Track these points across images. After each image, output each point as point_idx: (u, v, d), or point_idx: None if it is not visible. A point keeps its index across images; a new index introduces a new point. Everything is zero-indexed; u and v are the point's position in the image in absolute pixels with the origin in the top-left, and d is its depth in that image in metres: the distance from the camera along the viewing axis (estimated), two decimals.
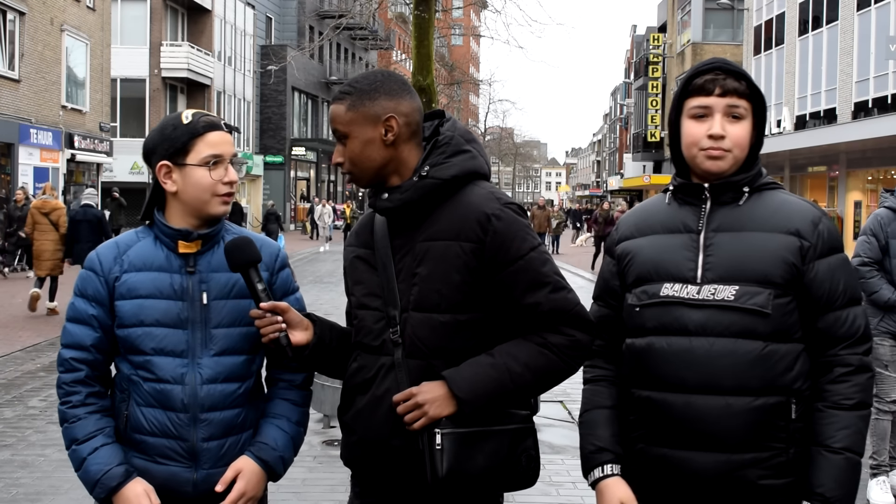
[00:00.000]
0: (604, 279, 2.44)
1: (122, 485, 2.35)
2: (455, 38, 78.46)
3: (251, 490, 2.43)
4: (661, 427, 2.23)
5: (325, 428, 7.05)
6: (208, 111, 27.20)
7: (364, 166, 2.29)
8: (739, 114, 2.24)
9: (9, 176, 25.83)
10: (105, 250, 2.47)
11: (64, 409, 2.42)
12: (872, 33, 25.51)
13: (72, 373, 2.42)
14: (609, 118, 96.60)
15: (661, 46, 47.56)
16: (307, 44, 38.60)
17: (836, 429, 2.14)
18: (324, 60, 55.66)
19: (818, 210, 2.26)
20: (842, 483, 2.13)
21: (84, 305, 2.43)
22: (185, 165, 2.40)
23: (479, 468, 2.19)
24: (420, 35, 9.88)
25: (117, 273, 2.42)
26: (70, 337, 2.44)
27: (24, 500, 5.47)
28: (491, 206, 2.23)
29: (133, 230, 2.53)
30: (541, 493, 5.66)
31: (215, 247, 2.45)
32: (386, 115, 2.25)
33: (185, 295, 2.40)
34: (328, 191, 56.85)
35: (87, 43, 30.54)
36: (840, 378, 2.17)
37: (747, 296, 2.16)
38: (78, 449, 2.38)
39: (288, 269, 2.58)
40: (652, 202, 2.45)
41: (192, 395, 2.38)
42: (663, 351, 2.22)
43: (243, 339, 2.43)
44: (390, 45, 64.70)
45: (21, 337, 11.54)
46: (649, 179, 46.24)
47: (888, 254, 5.34)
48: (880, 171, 25.70)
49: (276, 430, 2.50)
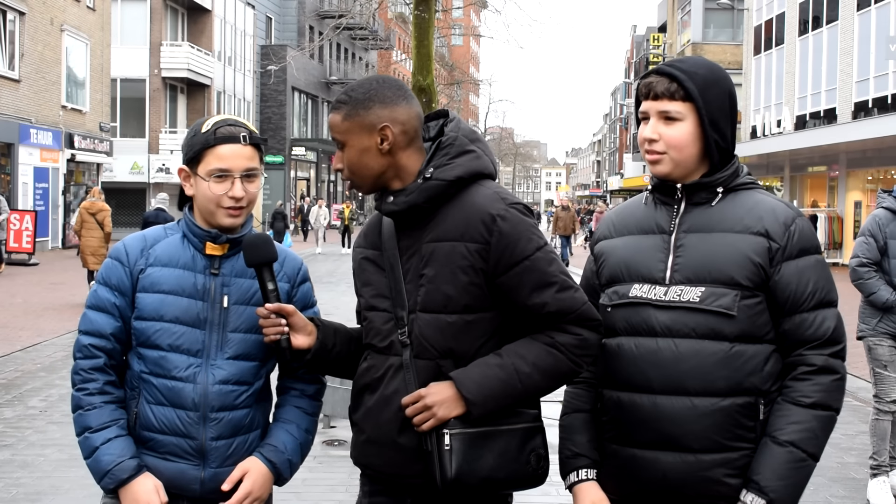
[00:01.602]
0: (585, 278, 2.46)
1: (133, 478, 2.36)
2: (455, 38, 78.52)
3: (257, 490, 2.44)
4: (630, 428, 2.23)
5: (325, 428, 7.05)
6: (208, 112, 26.98)
7: (362, 174, 2.31)
8: (672, 116, 2.23)
9: (9, 176, 25.84)
10: (133, 242, 2.48)
11: (80, 396, 2.41)
12: (872, 33, 25.52)
13: (90, 359, 2.42)
14: (609, 118, 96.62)
15: (661, 46, 47.58)
16: (307, 44, 38.62)
17: (786, 422, 2.13)
18: (324, 60, 55.66)
19: (792, 211, 2.24)
20: (780, 475, 2.10)
21: (107, 294, 2.44)
22: (196, 174, 2.42)
23: (488, 468, 2.19)
24: (420, 35, 9.89)
25: (143, 265, 2.43)
26: (90, 324, 2.44)
27: (24, 500, 5.47)
28: (496, 206, 2.23)
29: (161, 226, 2.55)
30: (541, 493, 5.65)
31: (241, 252, 2.47)
32: (381, 124, 2.25)
33: (206, 295, 2.42)
34: (328, 191, 56.87)
35: (87, 43, 30.55)
36: (801, 376, 2.16)
37: (713, 297, 2.16)
38: (91, 437, 2.38)
39: (309, 283, 2.60)
40: (632, 202, 2.45)
41: (202, 395, 2.39)
42: (631, 352, 2.22)
43: (257, 346, 2.45)
44: (390, 45, 64.71)
45: (21, 337, 11.54)
46: (649, 179, 46.27)
47: (887, 254, 5.33)
48: (880, 171, 25.71)
49: (286, 435, 2.51)
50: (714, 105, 2.22)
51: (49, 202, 27.64)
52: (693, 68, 2.24)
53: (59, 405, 7.87)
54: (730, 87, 2.27)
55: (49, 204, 27.59)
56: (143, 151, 37.44)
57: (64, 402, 7.95)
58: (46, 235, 27.05)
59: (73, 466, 6.04)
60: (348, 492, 5.67)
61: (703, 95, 2.21)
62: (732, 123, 2.27)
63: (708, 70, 2.25)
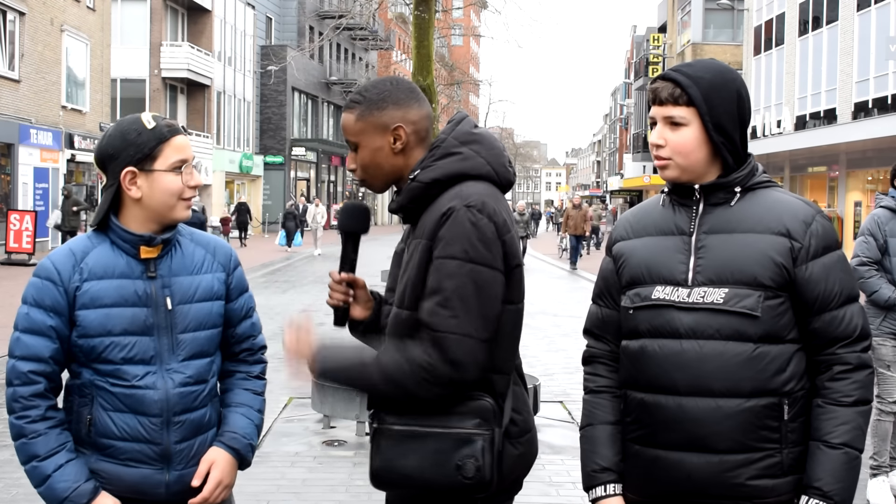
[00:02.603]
0: (603, 278, 2.44)
1: (91, 501, 2.35)
2: (455, 38, 78.51)
3: (226, 478, 2.48)
4: (655, 429, 2.23)
5: (325, 428, 7.04)
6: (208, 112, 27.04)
7: (375, 173, 2.34)
8: (677, 121, 2.23)
9: (9, 176, 25.85)
10: (61, 258, 2.38)
11: (21, 424, 2.34)
12: (872, 33, 25.53)
13: (30, 385, 2.34)
14: (609, 118, 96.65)
15: (661, 47, 47.57)
16: (307, 44, 38.64)
17: (835, 424, 2.15)
18: (324, 61, 55.68)
19: (812, 208, 2.24)
20: (840, 477, 2.14)
21: (41, 316, 2.34)
22: (152, 171, 2.37)
23: (410, 467, 2.18)
24: (420, 35, 9.91)
25: (77, 282, 2.35)
26: (26, 349, 2.34)
27: (24, 501, 5.47)
28: (452, 203, 2.19)
29: (83, 234, 2.47)
30: (541, 493, 5.67)
31: (172, 250, 2.46)
32: (394, 124, 2.29)
33: (149, 301, 2.39)
34: (328, 191, 56.89)
35: (87, 43, 30.56)
36: (839, 376, 2.18)
37: (737, 298, 2.16)
38: (40, 466, 2.33)
39: (241, 268, 2.63)
40: (648, 203, 2.45)
41: (164, 400, 2.39)
42: (655, 354, 2.22)
43: (208, 342, 2.48)
44: (390, 45, 64.73)
45: None
46: (649, 180, 46.26)
47: (888, 252, 5.34)
48: (880, 172, 25.70)
49: (242, 419, 2.55)
50: (719, 109, 2.22)
51: (49, 202, 27.63)
52: (698, 73, 2.23)
53: None
54: (739, 89, 2.25)
55: (49, 204, 27.58)
56: None
57: None
58: (46, 236, 27.01)
59: None
60: (348, 492, 5.67)
61: (707, 100, 2.21)
62: (742, 125, 2.26)
63: (714, 73, 2.24)
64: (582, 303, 15.98)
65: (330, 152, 56.04)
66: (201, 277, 2.47)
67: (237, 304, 2.57)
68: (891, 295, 5.27)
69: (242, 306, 2.59)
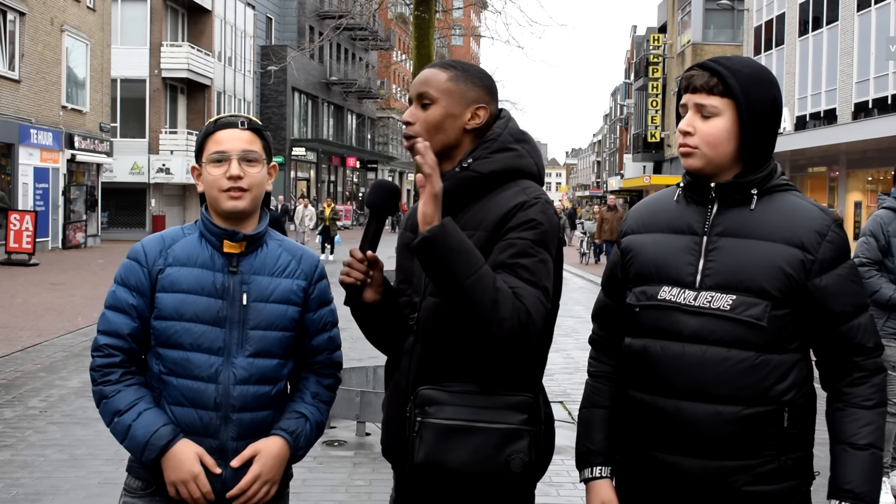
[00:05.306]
0: (611, 269, 2.43)
1: (172, 443, 2.37)
2: (455, 38, 78.45)
3: (267, 472, 2.44)
4: (652, 430, 2.23)
5: (325, 428, 7.05)
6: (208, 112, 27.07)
7: (433, 136, 2.28)
8: (708, 112, 2.20)
9: (9, 176, 25.85)
10: (151, 242, 2.50)
11: (101, 388, 2.43)
12: (872, 34, 25.53)
13: (108, 358, 2.44)
14: (609, 118, 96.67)
15: (661, 47, 47.58)
16: (307, 44, 38.65)
17: (859, 426, 2.15)
18: (324, 61, 55.68)
19: (828, 217, 2.21)
20: (869, 478, 2.13)
21: (125, 294, 2.46)
22: (202, 165, 2.47)
23: (458, 461, 2.16)
24: (420, 35, 9.90)
25: (161, 265, 2.45)
26: (108, 324, 2.46)
27: (24, 500, 5.46)
28: (519, 198, 2.21)
29: (179, 226, 2.58)
30: (541, 493, 5.63)
31: (258, 250, 2.49)
32: (480, 102, 2.31)
33: (225, 294, 2.44)
34: (328, 191, 56.89)
35: (87, 43, 30.57)
36: (858, 381, 2.18)
37: (744, 307, 2.14)
38: (121, 419, 2.39)
39: (325, 281, 2.61)
40: (662, 196, 2.40)
41: (224, 395, 2.41)
42: (657, 355, 2.21)
43: (278, 344, 2.47)
44: (390, 45, 64.75)
45: (21, 337, 11.54)
46: (649, 180, 46.23)
47: (890, 253, 5.35)
48: (880, 172, 25.71)
49: (306, 407, 2.53)
50: (757, 105, 2.19)
51: (49, 202, 27.65)
52: (738, 66, 2.21)
53: (59, 405, 7.86)
54: (775, 93, 2.23)
55: (49, 204, 27.60)
56: (143, 152, 37.44)
57: (64, 402, 7.96)
58: (46, 236, 27.05)
59: (74, 466, 6.05)
60: (348, 492, 5.67)
61: (746, 93, 2.18)
62: (774, 128, 2.24)
63: (754, 70, 2.22)
64: (581, 303, 15.99)
65: (330, 152, 56.05)
66: (281, 280, 2.49)
67: (316, 314, 2.56)
68: (892, 294, 5.28)
69: (321, 318, 2.57)
